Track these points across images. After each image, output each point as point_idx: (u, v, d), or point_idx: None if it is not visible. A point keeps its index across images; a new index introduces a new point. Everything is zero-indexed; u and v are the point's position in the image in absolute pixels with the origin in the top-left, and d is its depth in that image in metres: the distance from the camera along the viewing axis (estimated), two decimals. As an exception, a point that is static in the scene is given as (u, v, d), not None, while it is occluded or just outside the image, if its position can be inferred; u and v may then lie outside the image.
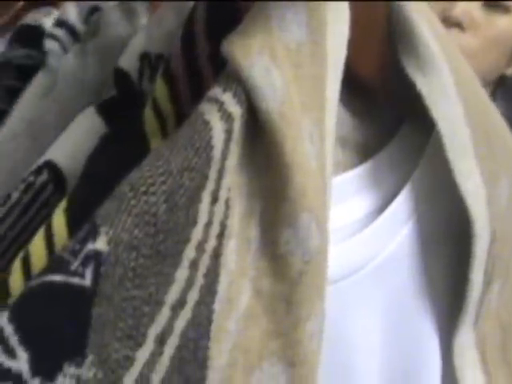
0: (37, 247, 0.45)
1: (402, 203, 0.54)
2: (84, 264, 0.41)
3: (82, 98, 0.54)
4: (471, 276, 0.55)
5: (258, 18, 0.45)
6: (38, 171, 0.52)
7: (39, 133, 0.55)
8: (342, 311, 0.53)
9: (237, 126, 0.44)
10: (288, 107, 0.45)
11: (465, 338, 0.57)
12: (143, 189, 0.42)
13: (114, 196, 0.42)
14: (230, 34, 0.45)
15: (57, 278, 0.41)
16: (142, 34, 0.54)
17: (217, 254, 0.45)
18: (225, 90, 0.45)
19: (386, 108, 0.55)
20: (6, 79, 0.69)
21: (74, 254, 0.41)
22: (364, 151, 0.54)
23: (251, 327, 0.47)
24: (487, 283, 0.56)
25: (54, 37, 0.68)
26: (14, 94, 0.65)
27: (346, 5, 0.48)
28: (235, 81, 0.45)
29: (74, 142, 0.51)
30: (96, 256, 0.41)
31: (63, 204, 0.46)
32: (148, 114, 0.48)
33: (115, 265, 0.42)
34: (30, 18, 0.73)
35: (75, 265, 0.41)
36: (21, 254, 0.45)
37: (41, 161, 0.52)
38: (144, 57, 0.53)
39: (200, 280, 0.44)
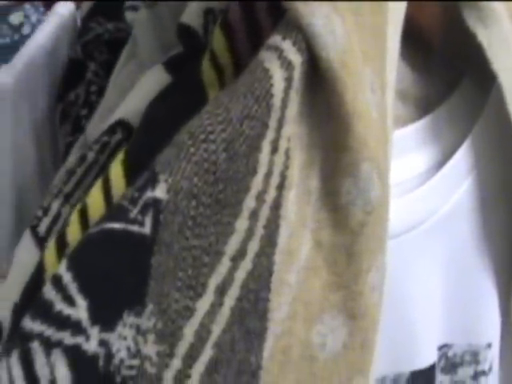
0: (94, 199, 0.41)
1: (462, 158, 0.50)
2: (143, 212, 0.38)
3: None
4: None
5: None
6: (112, 130, 0.48)
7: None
8: (403, 265, 0.49)
9: (297, 74, 0.41)
10: (349, 56, 0.41)
11: (524, 295, 0.53)
12: (202, 136, 0.39)
13: (173, 144, 0.39)
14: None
15: (116, 225, 0.37)
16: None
17: (277, 205, 0.41)
18: (284, 38, 0.41)
19: (445, 62, 0.50)
20: (99, 55, 0.66)
21: (133, 201, 0.38)
22: (424, 106, 0.50)
23: (312, 279, 0.43)
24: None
25: (134, 8, 0.64)
26: (109, 69, 0.62)
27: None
28: (295, 29, 0.41)
29: (144, 99, 0.47)
30: (155, 204, 0.38)
31: (120, 156, 0.42)
32: (206, 64, 0.45)
33: (174, 213, 0.38)
34: None
35: (134, 212, 0.38)
36: (78, 206, 0.41)
37: (112, 120, 0.49)
38: (208, 12, 0.49)
39: (260, 231, 0.41)
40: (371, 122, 0.42)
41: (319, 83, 0.42)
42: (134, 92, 0.47)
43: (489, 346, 0.55)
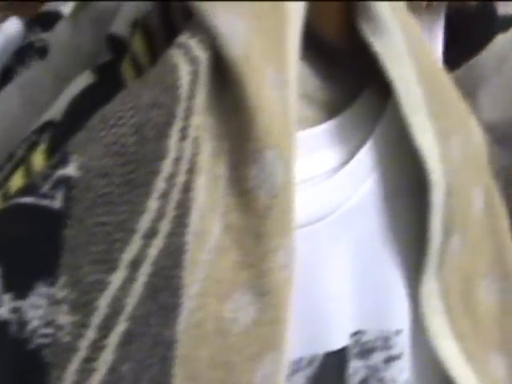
0: (16, 184, 0.38)
1: (365, 157, 0.48)
2: (54, 188, 0.35)
3: (80, 64, 0.48)
4: (431, 225, 0.49)
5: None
6: (40, 131, 0.46)
7: (33, 96, 0.48)
8: (314, 253, 0.46)
9: (202, 68, 0.39)
10: (250, 53, 0.39)
11: (429, 286, 0.50)
12: (113, 121, 0.36)
13: (85, 127, 0.36)
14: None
15: (27, 200, 0.35)
16: (132, 1, 0.48)
17: (187, 189, 0.39)
18: (191, 37, 0.39)
19: (349, 69, 0.48)
20: (28, 59, 0.63)
21: (45, 178, 0.35)
22: (330, 109, 0.48)
23: (222, 259, 0.40)
24: (446, 234, 0.50)
25: None
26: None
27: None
28: (201, 29, 0.39)
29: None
30: (67, 180, 0.35)
31: (42, 146, 0.40)
32: (126, 63, 0.43)
33: (86, 190, 0.36)
34: (49, 6, 0.67)
35: (46, 188, 0.35)
36: (1, 192, 0.39)
37: (42, 120, 0.46)
38: (136, 23, 0.47)
39: (171, 212, 0.38)
40: (273, 114, 0.40)
41: (225, 78, 0.40)
42: (63, 95, 0.45)
43: (398, 332, 0.52)
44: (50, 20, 0.62)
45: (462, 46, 0.62)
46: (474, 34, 0.63)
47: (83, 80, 0.44)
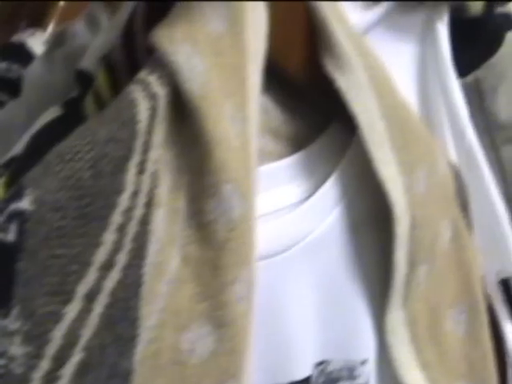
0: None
1: (329, 190, 0.48)
2: (8, 221, 0.35)
3: (50, 101, 0.48)
4: (395, 256, 0.48)
5: (181, 12, 0.40)
6: (6, 165, 0.46)
7: (6, 134, 0.49)
8: (277, 284, 0.46)
9: (161, 104, 0.39)
10: (209, 89, 0.40)
11: (395, 316, 0.50)
12: (69, 156, 0.36)
13: (42, 162, 0.36)
14: (157, 27, 0.40)
15: None
16: (101, 38, 0.48)
17: (145, 221, 0.39)
18: (151, 73, 0.39)
19: (315, 104, 0.48)
20: None
21: None
22: (295, 143, 0.48)
23: (180, 290, 0.40)
24: (411, 265, 0.49)
25: None
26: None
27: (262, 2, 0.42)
28: (160, 65, 0.39)
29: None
30: (20, 214, 0.35)
31: (3, 179, 0.40)
32: (89, 99, 0.43)
33: (40, 223, 0.36)
34: (16, 37, 0.68)
35: None
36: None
37: (8, 156, 0.46)
38: (104, 58, 0.47)
39: (128, 244, 0.38)
40: (231, 149, 0.40)
41: (184, 114, 0.40)
42: (30, 131, 0.45)
43: (364, 362, 0.51)
44: (12, 51, 0.63)
45: (473, 48, 0.61)
46: (485, 35, 0.62)
47: (49, 115, 0.44)
